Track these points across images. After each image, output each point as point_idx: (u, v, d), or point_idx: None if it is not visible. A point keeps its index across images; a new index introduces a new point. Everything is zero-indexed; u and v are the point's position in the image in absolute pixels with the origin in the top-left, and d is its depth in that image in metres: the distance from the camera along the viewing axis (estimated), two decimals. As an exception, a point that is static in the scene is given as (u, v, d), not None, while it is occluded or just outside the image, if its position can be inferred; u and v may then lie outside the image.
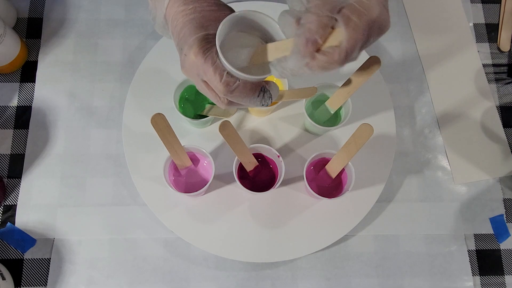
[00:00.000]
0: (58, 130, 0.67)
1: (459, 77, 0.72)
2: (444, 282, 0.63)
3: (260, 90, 0.40)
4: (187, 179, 0.61)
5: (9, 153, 0.66)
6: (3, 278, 0.58)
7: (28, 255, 0.62)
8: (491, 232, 0.66)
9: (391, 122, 0.67)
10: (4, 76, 0.69)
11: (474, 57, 0.74)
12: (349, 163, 0.58)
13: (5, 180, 0.65)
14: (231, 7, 0.43)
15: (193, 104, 0.64)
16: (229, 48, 0.40)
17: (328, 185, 0.61)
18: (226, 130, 0.55)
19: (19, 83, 0.69)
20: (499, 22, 0.76)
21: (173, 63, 0.65)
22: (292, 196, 0.64)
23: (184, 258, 0.62)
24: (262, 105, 0.41)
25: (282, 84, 0.64)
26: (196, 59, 0.39)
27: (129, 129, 0.65)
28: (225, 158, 0.64)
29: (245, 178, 0.61)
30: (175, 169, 0.61)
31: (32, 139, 0.66)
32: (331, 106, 0.61)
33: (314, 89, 0.61)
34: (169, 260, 0.62)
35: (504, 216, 0.66)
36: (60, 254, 0.62)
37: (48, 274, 0.61)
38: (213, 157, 0.58)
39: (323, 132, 0.66)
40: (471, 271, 0.64)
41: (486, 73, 0.73)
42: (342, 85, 0.59)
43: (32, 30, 0.72)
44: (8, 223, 0.63)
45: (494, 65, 0.73)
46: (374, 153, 0.65)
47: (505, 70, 0.73)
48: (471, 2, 0.77)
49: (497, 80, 0.73)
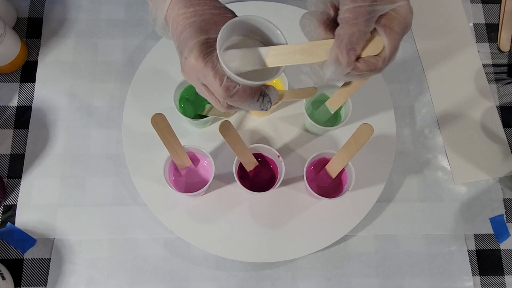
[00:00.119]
0: (58, 130, 0.67)
1: (459, 77, 0.72)
2: (444, 282, 0.63)
3: (260, 95, 0.40)
4: (187, 179, 0.61)
5: (9, 153, 0.66)
6: (3, 278, 0.58)
7: (28, 255, 0.62)
8: (491, 232, 0.66)
9: (391, 122, 0.67)
10: (4, 76, 0.69)
11: (474, 57, 0.74)
12: (349, 163, 0.58)
13: (5, 180, 0.65)
14: (232, 8, 0.43)
15: (193, 104, 0.64)
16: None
17: (328, 185, 0.61)
18: (226, 130, 0.55)
19: (19, 83, 0.69)
20: (499, 22, 0.76)
21: (173, 63, 0.65)
22: (292, 196, 0.64)
23: (184, 258, 0.62)
24: (261, 109, 0.41)
25: (282, 84, 0.64)
26: (197, 63, 0.39)
27: (129, 129, 0.65)
28: (225, 158, 0.63)
29: (245, 178, 0.61)
30: (175, 169, 0.61)
31: (32, 139, 0.66)
32: (331, 106, 0.61)
33: (314, 89, 0.61)
34: (169, 260, 0.62)
35: (504, 216, 0.66)
36: (60, 254, 0.62)
37: (48, 274, 0.61)
38: (213, 157, 0.58)
39: (323, 132, 0.66)
40: (471, 271, 0.64)
41: (486, 73, 0.73)
42: (342, 85, 0.59)
43: (32, 30, 0.72)
44: (8, 223, 0.63)
45: (494, 65, 0.73)
46: (374, 153, 0.65)
47: (505, 70, 0.73)
48: (471, 2, 0.77)
49: (497, 80, 0.73)
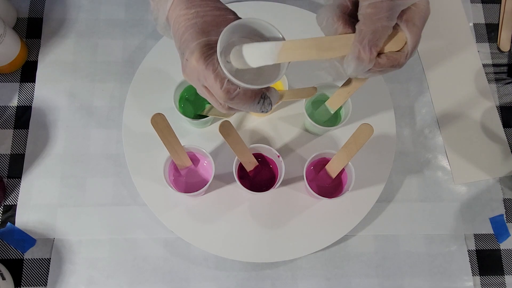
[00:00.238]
0: (58, 130, 0.67)
1: (459, 77, 0.72)
2: (444, 282, 0.63)
3: (261, 97, 0.40)
4: (187, 179, 0.61)
5: (9, 153, 0.66)
6: (3, 278, 0.58)
7: (28, 255, 0.62)
8: (491, 232, 0.66)
9: (391, 122, 0.67)
10: (4, 76, 0.69)
11: (474, 57, 0.74)
12: (349, 163, 0.58)
13: (5, 180, 0.65)
14: (232, 8, 0.43)
15: (193, 104, 0.64)
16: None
17: (328, 185, 0.61)
18: (226, 130, 0.55)
19: (19, 83, 0.69)
20: (499, 22, 0.76)
21: (173, 63, 0.65)
22: (292, 196, 0.64)
23: (184, 258, 0.62)
24: (262, 111, 0.41)
25: (282, 84, 0.64)
26: (198, 65, 0.39)
27: (129, 129, 0.65)
28: (225, 158, 0.63)
29: (245, 178, 0.61)
30: (175, 169, 0.60)
31: (32, 139, 0.66)
32: (331, 106, 0.61)
33: (314, 89, 0.60)
34: (169, 260, 0.62)
35: (504, 216, 0.66)
36: (60, 254, 0.62)
37: (48, 274, 0.61)
38: (213, 157, 0.58)
39: (323, 132, 0.66)
40: (471, 271, 0.64)
41: (486, 73, 0.73)
42: (342, 85, 0.59)
43: (32, 30, 0.72)
44: (8, 223, 0.63)
45: (494, 65, 0.73)
46: (374, 153, 0.65)
47: (505, 70, 0.73)
48: (471, 2, 0.76)
49: (497, 80, 0.73)
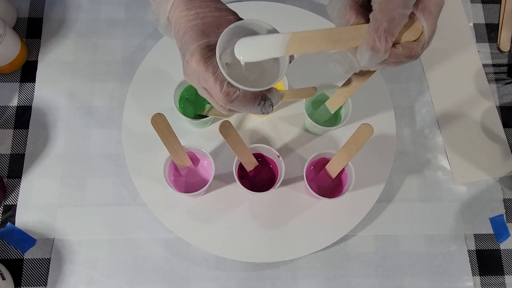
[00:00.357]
0: (58, 130, 0.67)
1: (459, 77, 0.72)
2: (444, 282, 0.63)
3: (261, 99, 0.40)
4: (187, 179, 0.61)
5: (9, 153, 0.66)
6: (3, 278, 0.58)
7: (28, 255, 0.62)
8: (491, 232, 0.66)
9: (391, 122, 0.67)
10: (4, 76, 0.69)
11: (474, 57, 0.74)
12: (349, 163, 0.58)
13: (5, 180, 0.65)
14: (232, 8, 0.43)
15: (193, 104, 0.64)
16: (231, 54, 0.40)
17: (328, 185, 0.61)
18: (226, 130, 0.55)
19: (19, 83, 0.69)
20: (499, 22, 0.76)
21: (173, 63, 0.66)
22: (292, 196, 0.64)
23: (184, 258, 0.62)
24: (262, 113, 0.41)
25: (282, 84, 0.64)
26: (198, 67, 0.39)
27: (129, 129, 0.65)
28: (225, 158, 0.63)
29: (245, 178, 0.61)
30: (175, 169, 0.60)
31: (32, 139, 0.66)
32: (331, 106, 0.61)
33: (314, 89, 0.60)
34: (169, 260, 0.62)
35: (504, 216, 0.66)
36: (60, 254, 0.62)
37: (48, 274, 0.61)
38: (213, 157, 0.58)
39: (323, 132, 0.66)
40: (471, 271, 0.64)
41: (486, 73, 0.73)
42: (342, 85, 0.59)
43: (32, 30, 0.72)
44: (8, 223, 0.63)
45: (494, 65, 0.73)
46: (374, 153, 0.65)
47: (505, 70, 0.73)
48: (471, 2, 0.76)
49: (497, 80, 0.73)
